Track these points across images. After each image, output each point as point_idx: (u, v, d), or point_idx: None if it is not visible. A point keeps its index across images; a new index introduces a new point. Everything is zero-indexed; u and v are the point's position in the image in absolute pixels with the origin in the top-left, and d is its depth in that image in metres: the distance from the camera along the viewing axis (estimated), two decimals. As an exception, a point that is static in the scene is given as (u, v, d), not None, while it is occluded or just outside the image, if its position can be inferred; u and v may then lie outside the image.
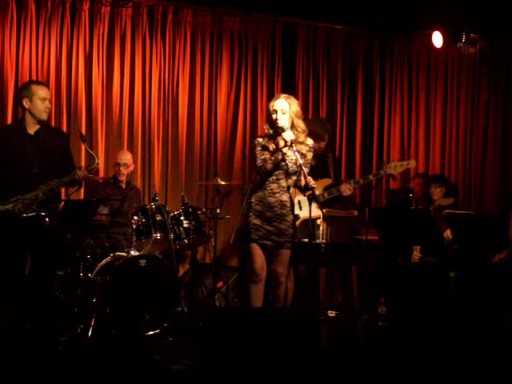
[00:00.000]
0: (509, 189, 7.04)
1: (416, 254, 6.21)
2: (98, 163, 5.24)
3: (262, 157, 4.95)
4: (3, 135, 5.25)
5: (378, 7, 6.81)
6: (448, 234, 5.97)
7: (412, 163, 6.09)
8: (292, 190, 5.04)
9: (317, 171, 6.02)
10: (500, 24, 6.81)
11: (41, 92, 5.15)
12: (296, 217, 5.11)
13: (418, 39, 7.37)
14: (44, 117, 5.19)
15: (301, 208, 5.80)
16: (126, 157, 6.27)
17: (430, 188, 6.53)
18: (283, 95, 5.01)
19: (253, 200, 4.98)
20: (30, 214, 4.80)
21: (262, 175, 4.95)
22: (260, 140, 5.02)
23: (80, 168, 5.23)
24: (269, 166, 4.91)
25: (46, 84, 5.80)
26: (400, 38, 7.41)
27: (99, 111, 6.47)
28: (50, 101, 5.33)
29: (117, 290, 5.24)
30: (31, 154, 5.08)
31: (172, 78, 6.78)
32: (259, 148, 4.99)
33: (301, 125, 4.95)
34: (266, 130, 5.02)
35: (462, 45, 7.01)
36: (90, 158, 5.25)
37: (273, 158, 4.91)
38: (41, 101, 5.13)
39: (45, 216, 4.77)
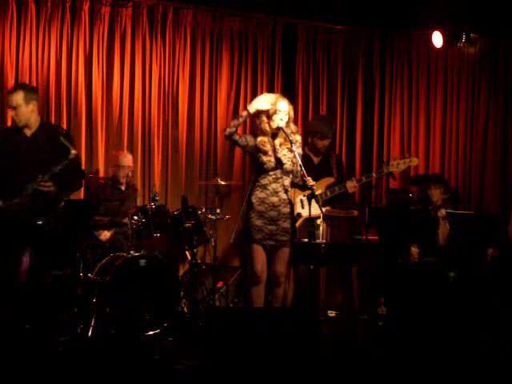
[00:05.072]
0: (509, 188, 7.03)
1: (414, 250, 6.19)
2: (73, 154, 4.87)
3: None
4: (0, 138, 5.22)
5: (378, 7, 6.81)
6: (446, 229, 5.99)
7: (414, 161, 6.13)
8: (290, 188, 5.05)
9: (320, 170, 6.04)
10: (500, 24, 6.81)
11: (8, 101, 5.06)
12: (299, 215, 5.11)
13: (418, 39, 7.36)
14: (19, 124, 5.00)
15: (303, 207, 5.81)
16: (127, 158, 6.25)
17: (429, 189, 6.52)
18: (279, 95, 5.04)
19: (254, 201, 4.98)
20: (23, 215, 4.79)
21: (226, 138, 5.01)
22: (248, 138, 5.01)
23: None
24: (229, 128, 4.93)
25: (12, 88, 5.28)
26: (400, 38, 7.41)
27: (99, 111, 6.46)
28: (19, 106, 4.94)
29: (117, 289, 5.24)
30: (26, 157, 4.99)
31: (172, 78, 6.77)
32: (242, 139, 5.00)
33: (293, 127, 5.02)
34: (263, 125, 4.96)
35: (461, 45, 7.01)
36: (65, 150, 4.90)
37: (236, 122, 4.93)
38: (10, 109, 5.05)
39: (35, 215, 4.76)
